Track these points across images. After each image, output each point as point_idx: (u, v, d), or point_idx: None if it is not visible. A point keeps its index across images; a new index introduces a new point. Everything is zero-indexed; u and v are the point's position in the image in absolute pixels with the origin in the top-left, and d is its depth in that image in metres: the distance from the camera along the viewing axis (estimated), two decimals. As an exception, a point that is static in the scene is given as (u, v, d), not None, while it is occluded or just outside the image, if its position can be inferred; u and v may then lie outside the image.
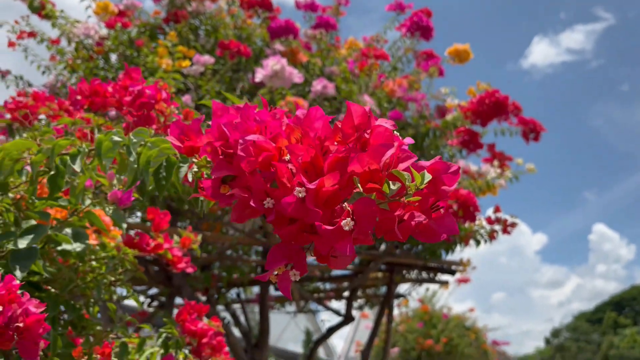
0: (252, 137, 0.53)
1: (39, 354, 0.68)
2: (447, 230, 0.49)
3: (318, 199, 0.48)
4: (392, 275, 3.06)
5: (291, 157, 0.52)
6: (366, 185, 0.46)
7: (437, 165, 0.49)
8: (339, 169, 0.49)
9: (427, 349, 8.32)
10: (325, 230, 0.46)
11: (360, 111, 0.50)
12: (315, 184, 0.48)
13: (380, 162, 0.46)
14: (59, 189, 0.87)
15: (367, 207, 0.46)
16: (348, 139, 0.51)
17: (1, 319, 0.65)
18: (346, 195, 0.49)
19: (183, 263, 1.18)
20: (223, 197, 0.59)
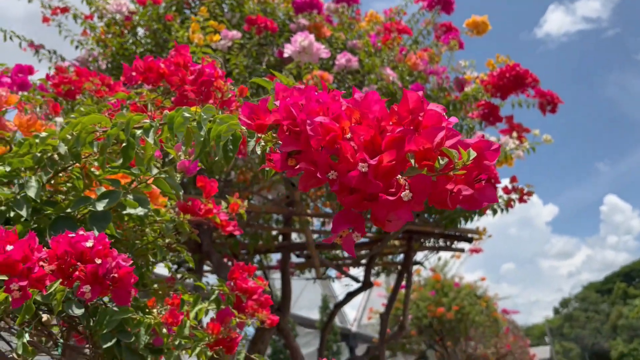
0: (319, 118, 0.63)
1: (130, 300, 0.80)
2: (488, 200, 0.59)
3: (378, 173, 0.59)
4: (411, 243, 3.18)
5: (353, 136, 0.62)
6: (421, 162, 0.56)
7: (481, 143, 0.59)
8: (396, 147, 0.59)
9: (439, 317, 8.52)
10: (387, 201, 0.56)
11: (415, 97, 0.59)
12: (376, 160, 0.58)
13: (434, 142, 0.56)
14: (130, 159, 0.98)
15: (423, 181, 0.56)
16: (403, 121, 0.60)
17: (100, 270, 0.77)
18: (401, 169, 0.59)
19: (230, 226, 1.30)
20: (289, 169, 0.70)
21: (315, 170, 0.64)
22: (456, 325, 8.63)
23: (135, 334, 1.02)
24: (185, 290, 1.16)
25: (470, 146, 0.59)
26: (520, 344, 14.56)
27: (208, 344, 1.05)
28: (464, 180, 0.59)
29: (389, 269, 4.05)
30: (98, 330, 1.00)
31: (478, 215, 2.65)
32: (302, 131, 0.66)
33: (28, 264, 0.74)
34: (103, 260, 0.77)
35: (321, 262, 3.44)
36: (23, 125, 1.26)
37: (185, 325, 1.05)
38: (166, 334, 1.01)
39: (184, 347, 1.11)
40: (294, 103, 0.69)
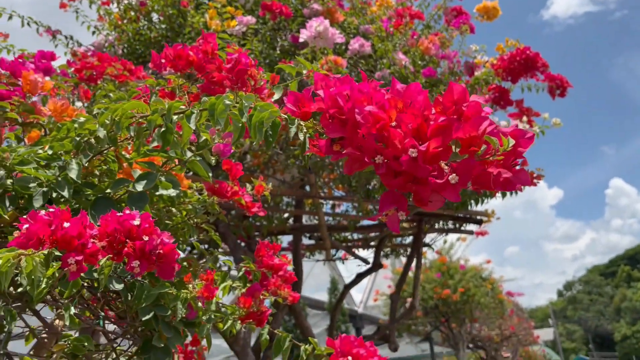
0: (369, 108, 0.68)
1: (174, 275, 0.85)
2: (523, 182, 0.64)
3: (426, 158, 0.63)
4: (421, 225, 3.23)
5: (400, 124, 0.66)
6: (467, 149, 0.61)
7: (516, 132, 0.63)
8: (441, 135, 0.64)
9: (444, 298, 8.62)
10: (436, 183, 0.61)
11: (459, 88, 0.64)
12: (425, 147, 0.63)
13: (479, 130, 0.60)
14: (168, 143, 1.02)
15: (468, 165, 0.61)
16: (448, 111, 0.65)
17: (147, 247, 0.82)
18: (446, 155, 0.64)
19: (255, 207, 1.35)
20: (334, 153, 0.75)
21: (361, 155, 0.69)
22: (461, 307, 8.74)
23: (172, 307, 1.08)
24: (215, 266, 1.21)
25: (508, 134, 0.63)
26: (525, 325, 14.71)
27: (239, 317, 1.11)
28: (502, 165, 0.63)
29: (398, 250, 4.12)
30: (136, 304, 1.06)
31: (488, 197, 2.70)
32: (349, 119, 0.71)
33: (82, 240, 0.80)
34: (149, 237, 0.83)
35: (332, 244, 3.50)
36: (57, 111, 1.31)
37: (217, 299, 1.11)
38: (201, 308, 1.06)
39: (216, 321, 1.17)
40: (339, 93, 0.74)
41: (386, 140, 0.67)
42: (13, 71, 1.28)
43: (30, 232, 0.76)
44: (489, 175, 0.60)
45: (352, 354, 1.39)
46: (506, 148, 0.59)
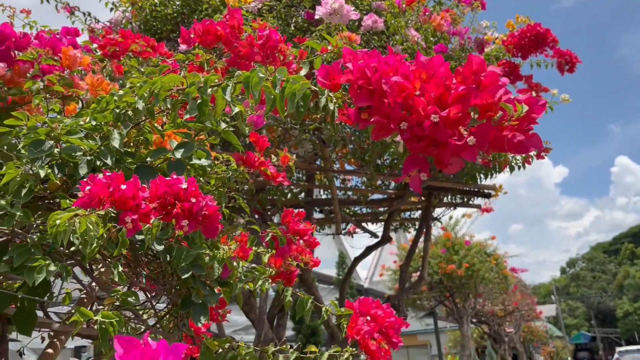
0: (395, 78, 0.75)
1: (218, 234, 0.94)
2: (534, 145, 0.71)
3: (447, 123, 0.71)
4: (430, 198, 3.32)
5: (424, 93, 0.74)
6: (485, 114, 0.69)
7: (530, 99, 0.71)
8: (461, 102, 0.71)
9: (449, 274, 8.76)
10: (456, 145, 0.69)
11: (478, 60, 0.71)
12: (446, 112, 0.70)
13: (495, 97, 0.68)
14: (204, 114, 1.10)
15: (485, 129, 0.68)
16: (467, 80, 0.72)
17: (195, 208, 0.91)
18: (465, 120, 0.72)
19: (280, 177, 1.43)
20: (362, 121, 0.82)
21: (387, 122, 0.77)
22: (466, 282, 8.88)
23: (209, 267, 1.17)
24: (245, 230, 1.30)
25: (522, 101, 0.71)
26: (528, 301, 14.90)
27: (270, 276, 1.21)
28: (516, 129, 0.71)
29: (406, 224, 4.21)
30: (176, 264, 1.15)
31: (497, 172, 2.77)
32: (376, 89, 0.78)
33: (136, 201, 0.88)
34: (196, 199, 0.91)
35: (342, 217, 3.59)
36: (93, 85, 1.38)
37: (250, 260, 1.20)
38: (236, 267, 1.16)
39: (247, 280, 1.27)
40: (366, 65, 0.81)
41: (410, 108, 0.75)
42: (52, 47, 1.35)
43: (92, 193, 0.85)
44: (504, 138, 0.67)
45: (371, 314, 1.49)
46: (520, 114, 0.67)
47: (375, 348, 1.37)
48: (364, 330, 1.38)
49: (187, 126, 1.21)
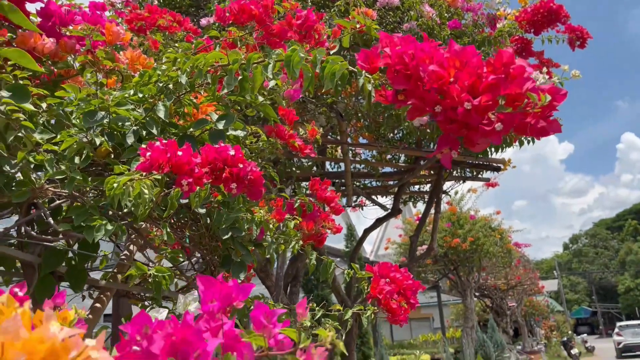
0: (432, 67, 0.84)
1: (261, 196, 1.04)
2: (554, 130, 0.80)
3: (478, 109, 0.80)
4: (441, 171, 3.41)
5: (458, 81, 0.82)
6: (513, 103, 0.77)
7: (552, 90, 0.79)
8: (491, 91, 0.80)
9: (454, 247, 8.89)
10: (485, 130, 0.78)
11: (508, 54, 0.79)
12: (478, 101, 0.79)
13: (523, 88, 0.77)
14: (245, 89, 1.19)
15: (512, 116, 0.77)
16: (497, 71, 0.81)
17: (242, 172, 1.01)
18: (494, 107, 0.80)
19: (307, 149, 1.52)
20: (398, 102, 0.91)
21: (422, 104, 0.85)
22: (470, 255, 9.02)
23: (247, 229, 1.27)
24: (282, 195, 1.40)
25: (545, 91, 0.79)
26: (530, 275, 15.10)
27: (302, 238, 1.31)
28: (539, 116, 0.80)
29: (416, 197, 4.31)
30: (217, 226, 1.26)
31: (507, 145, 2.86)
32: (413, 74, 0.87)
33: (191, 166, 0.98)
34: (243, 164, 1.01)
35: (354, 190, 3.69)
36: (133, 60, 1.47)
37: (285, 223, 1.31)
38: (272, 230, 1.26)
39: (280, 242, 1.37)
40: (404, 51, 0.89)
41: (445, 93, 0.84)
42: (95, 23, 1.43)
43: (153, 158, 0.94)
44: (527, 124, 0.76)
45: (390, 277, 1.60)
46: (544, 103, 0.75)
47: (396, 306, 1.48)
48: (385, 290, 1.49)
49: (220, 99, 1.30)
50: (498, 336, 10.70)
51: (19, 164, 1.13)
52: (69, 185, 1.11)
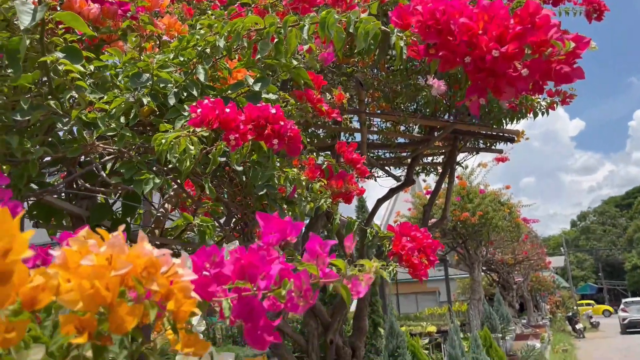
0: (462, 20, 0.91)
1: (300, 152, 1.12)
2: (578, 76, 0.87)
3: (505, 57, 0.87)
4: (456, 142, 3.47)
5: (487, 32, 0.89)
6: (538, 50, 0.84)
7: (576, 38, 0.86)
8: (518, 39, 0.87)
9: (463, 221, 8.99)
10: (512, 75, 0.85)
11: (534, 4, 0.86)
12: (505, 48, 0.86)
13: (548, 35, 0.84)
14: (281, 52, 1.26)
15: (538, 62, 0.84)
16: (524, 21, 0.88)
17: (283, 129, 1.09)
18: (521, 55, 0.88)
19: (334, 113, 1.60)
20: (430, 55, 0.98)
21: (453, 56, 0.93)
22: (479, 229, 9.12)
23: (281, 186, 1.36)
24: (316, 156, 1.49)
25: (569, 39, 0.86)
26: (538, 251, 15.21)
27: (331, 196, 1.40)
28: (563, 62, 0.87)
29: (429, 169, 4.39)
30: (253, 182, 1.35)
31: (522, 116, 2.91)
32: (444, 29, 0.94)
33: (237, 123, 1.06)
34: (283, 122, 1.09)
35: (368, 161, 3.77)
36: (170, 26, 1.54)
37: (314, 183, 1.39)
38: (304, 187, 1.35)
39: (310, 200, 1.46)
40: (435, 8, 0.96)
41: (474, 45, 0.91)
42: (134, -10, 1.50)
43: (203, 114, 1.03)
44: (552, 69, 0.84)
45: (411, 236, 1.69)
46: (568, 49, 0.82)
47: (417, 262, 1.57)
48: (407, 247, 1.59)
49: (254, 64, 1.37)
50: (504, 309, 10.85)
51: (71, 122, 1.22)
52: (119, 141, 1.20)
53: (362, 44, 1.10)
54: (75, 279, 0.53)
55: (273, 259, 0.74)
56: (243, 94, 1.36)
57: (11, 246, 0.41)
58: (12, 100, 1.20)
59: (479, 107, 0.94)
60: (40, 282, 0.48)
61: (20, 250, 0.42)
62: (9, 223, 0.43)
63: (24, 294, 0.48)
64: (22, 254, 0.42)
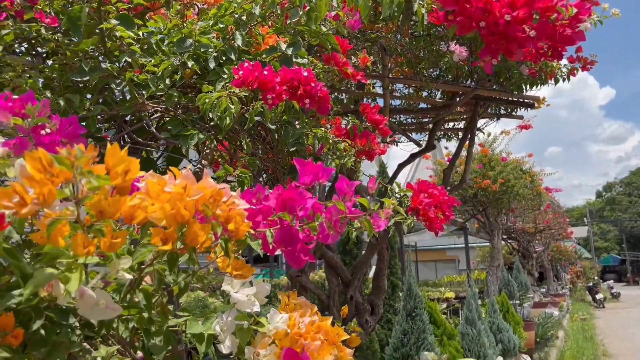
0: (478, -11, 1.01)
1: (329, 111, 1.25)
2: (579, 39, 0.98)
3: (516, 21, 0.98)
4: (477, 108, 3.54)
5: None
6: (544, 14, 0.95)
7: (579, 4, 0.97)
8: (527, 6, 0.98)
9: (484, 188, 9.02)
10: (521, 37, 0.96)
11: (543, -24, 0.96)
12: (515, 14, 0.97)
13: (553, 2, 0.94)
14: (311, 19, 1.38)
15: (543, 25, 0.95)
16: (533, -9, 0.98)
17: (314, 90, 1.22)
18: (530, 20, 0.98)
19: (359, 76, 1.71)
20: (448, 21, 1.09)
21: (469, 21, 1.04)
22: (500, 197, 9.15)
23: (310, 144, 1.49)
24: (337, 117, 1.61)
25: (572, 5, 0.97)
26: (559, 220, 15.17)
27: (355, 153, 1.53)
28: (566, 26, 0.97)
29: (450, 134, 4.46)
30: (285, 140, 1.48)
31: (542, 83, 2.96)
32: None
33: (273, 84, 1.19)
34: (315, 83, 1.22)
35: (390, 126, 3.86)
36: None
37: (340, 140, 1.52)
38: (331, 145, 1.48)
39: (335, 157, 1.60)
40: (454, -22, 1.06)
41: (488, 11, 1.02)
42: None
43: (244, 76, 1.16)
44: (557, 32, 0.94)
45: (428, 192, 1.82)
46: (571, 14, 0.93)
47: (434, 216, 1.70)
48: (425, 202, 1.72)
49: (285, 30, 1.49)
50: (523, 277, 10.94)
51: (124, 83, 1.36)
52: (167, 100, 1.34)
53: (387, 11, 1.21)
54: (158, 202, 0.68)
55: (308, 196, 0.88)
56: (276, 58, 1.48)
57: (129, 168, 0.55)
58: (72, 63, 1.35)
59: (492, 66, 1.06)
60: (136, 202, 0.63)
61: (135, 172, 0.56)
62: (121, 152, 0.57)
63: (125, 210, 0.62)
64: (136, 174, 0.56)
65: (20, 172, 0.59)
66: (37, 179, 0.50)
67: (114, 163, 0.55)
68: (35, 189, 0.51)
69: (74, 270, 0.66)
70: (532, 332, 7.96)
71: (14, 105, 0.84)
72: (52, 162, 0.50)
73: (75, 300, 0.70)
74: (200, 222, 0.70)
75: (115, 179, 0.54)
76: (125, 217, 0.63)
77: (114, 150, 0.57)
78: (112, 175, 0.54)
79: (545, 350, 8.18)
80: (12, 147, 0.75)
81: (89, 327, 0.82)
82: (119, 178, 0.54)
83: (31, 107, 0.77)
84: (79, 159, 0.50)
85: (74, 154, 0.50)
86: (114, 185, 0.55)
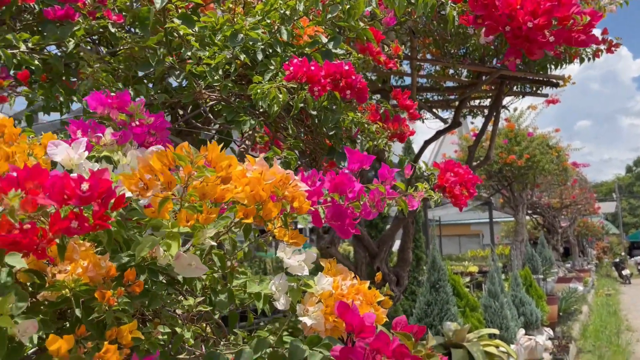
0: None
1: (366, 100, 1.40)
2: (592, 42, 1.11)
3: (537, 27, 1.11)
4: (502, 86, 3.63)
5: (524, 7, 1.13)
6: (562, 22, 1.09)
7: (591, 12, 1.10)
8: (547, 14, 1.11)
9: (509, 163, 9.06)
10: (541, 41, 1.10)
11: (561, -14, 1.09)
12: (537, 21, 1.11)
13: (570, 11, 1.07)
14: (350, 15, 1.52)
15: (561, 32, 1.09)
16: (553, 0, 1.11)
17: (354, 82, 1.37)
18: (549, 26, 1.12)
19: (391, 64, 1.85)
20: (477, 24, 1.23)
21: (496, 25, 1.17)
22: (525, 172, 9.18)
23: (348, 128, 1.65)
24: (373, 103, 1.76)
25: (586, 14, 1.10)
26: (586, 195, 15.05)
27: (388, 136, 1.68)
28: (580, 32, 1.11)
29: (475, 111, 4.55)
30: (324, 124, 1.64)
31: (567, 62, 3.04)
32: (489, 3, 1.18)
33: (318, 77, 1.35)
34: (355, 76, 1.37)
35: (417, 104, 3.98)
36: (252, -11, 1.80)
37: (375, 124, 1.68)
38: (367, 128, 1.63)
39: (369, 140, 1.75)
40: (482, -16, 1.20)
41: (513, 17, 1.15)
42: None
43: (294, 71, 1.32)
44: (572, 37, 1.08)
45: (454, 171, 1.97)
46: (585, 22, 1.06)
47: (459, 192, 1.86)
48: (451, 180, 1.87)
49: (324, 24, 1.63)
50: (547, 252, 10.99)
51: (183, 74, 1.54)
52: (223, 90, 1.52)
53: (420, 11, 1.34)
54: (239, 185, 0.85)
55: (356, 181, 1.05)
56: (317, 50, 1.63)
57: (231, 163, 0.72)
58: (139, 57, 1.52)
59: (515, 65, 1.20)
60: (225, 186, 0.81)
61: (235, 166, 0.74)
62: (218, 149, 0.75)
63: (218, 193, 0.80)
64: (236, 168, 0.74)
65: (139, 162, 0.78)
66: (163, 171, 0.68)
67: (215, 158, 0.72)
68: (161, 178, 0.69)
69: (173, 238, 0.85)
70: (555, 306, 8.07)
71: (112, 101, 1.03)
72: (174, 159, 0.68)
73: (171, 261, 0.88)
74: (272, 200, 0.87)
75: (220, 171, 0.72)
76: (218, 198, 0.81)
77: (214, 147, 0.75)
78: (217, 168, 0.72)
79: (568, 324, 8.31)
80: (118, 137, 0.94)
81: (171, 284, 1.01)
82: (223, 171, 0.71)
83: (133, 105, 0.95)
84: (196, 157, 0.68)
85: (191, 153, 0.68)
86: (218, 176, 0.73)
